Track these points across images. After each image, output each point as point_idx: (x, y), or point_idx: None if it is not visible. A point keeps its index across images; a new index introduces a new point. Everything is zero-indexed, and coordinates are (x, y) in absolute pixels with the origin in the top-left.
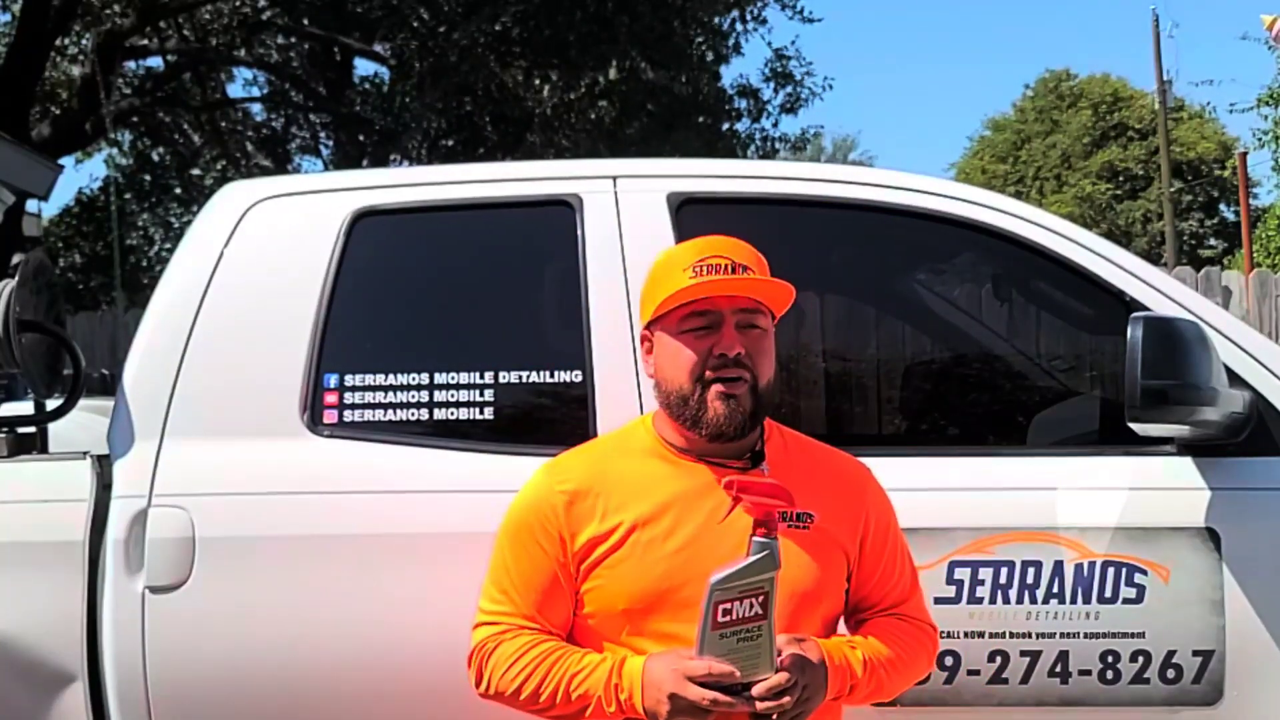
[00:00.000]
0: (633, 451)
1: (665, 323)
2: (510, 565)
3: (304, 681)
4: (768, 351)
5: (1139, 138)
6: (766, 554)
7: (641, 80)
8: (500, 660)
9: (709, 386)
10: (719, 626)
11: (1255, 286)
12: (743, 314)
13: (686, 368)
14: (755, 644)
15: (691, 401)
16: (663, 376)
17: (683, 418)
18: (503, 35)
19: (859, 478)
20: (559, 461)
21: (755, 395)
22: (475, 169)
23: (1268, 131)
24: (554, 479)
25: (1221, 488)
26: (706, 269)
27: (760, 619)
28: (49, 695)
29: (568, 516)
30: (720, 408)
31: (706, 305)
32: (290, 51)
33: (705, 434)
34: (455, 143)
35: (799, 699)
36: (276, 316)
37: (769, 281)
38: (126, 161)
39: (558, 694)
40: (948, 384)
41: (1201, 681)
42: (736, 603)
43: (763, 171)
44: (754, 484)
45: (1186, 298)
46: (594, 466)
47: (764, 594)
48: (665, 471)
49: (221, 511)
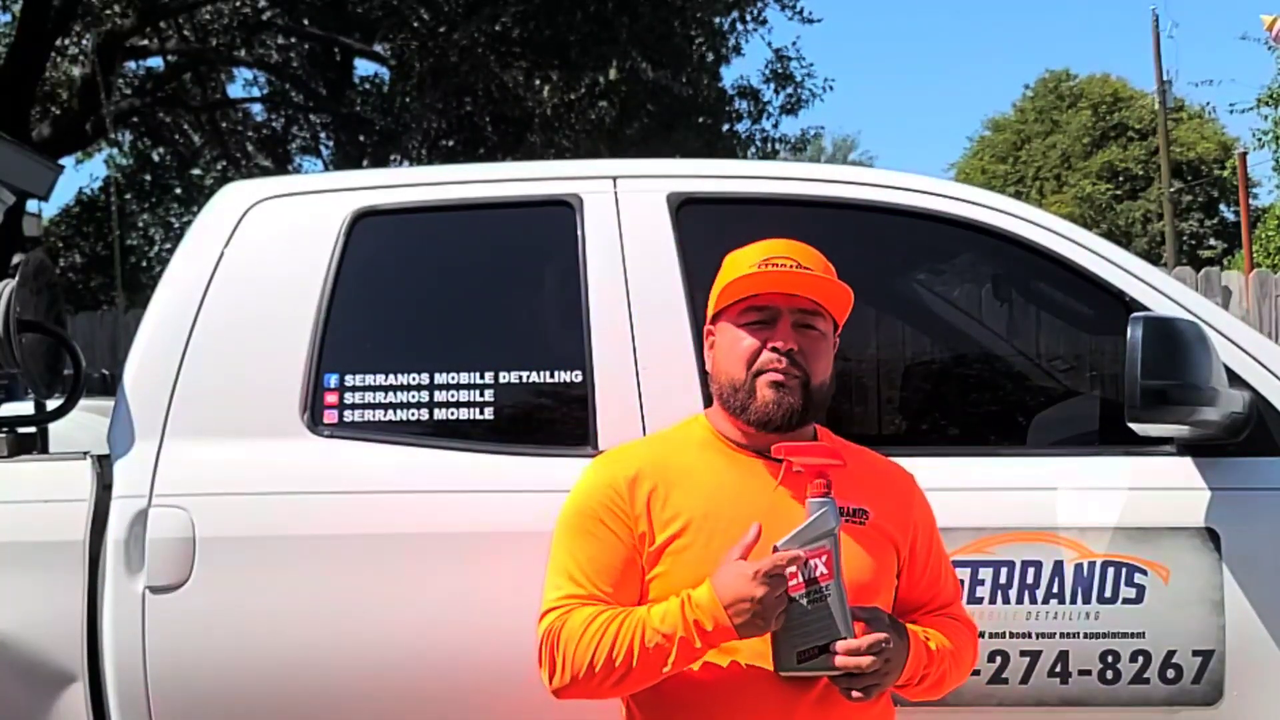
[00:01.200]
0: (690, 444)
1: (727, 315)
2: (575, 552)
3: (304, 681)
4: (824, 354)
5: (1139, 138)
6: (825, 510)
7: (641, 80)
8: (569, 637)
9: (760, 376)
10: (789, 590)
11: (1255, 286)
12: (801, 314)
13: (742, 357)
14: (827, 605)
15: (742, 390)
16: (718, 368)
17: (733, 406)
18: (503, 35)
19: (906, 483)
20: (616, 452)
21: (806, 392)
22: (475, 169)
23: (1268, 131)
24: (615, 466)
25: (1221, 488)
26: (770, 265)
27: (827, 578)
28: (49, 695)
29: (633, 499)
30: (769, 395)
31: (765, 301)
32: (290, 52)
33: (753, 420)
34: (455, 143)
35: (880, 666)
36: (276, 316)
37: (826, 280)
38: (126, 161)
39: (634, 652)
40: (947, 384)
41: (1201, 681)
42: (803, 564)
43: (763, 172)
44: (804, 447)
45: (1186, 298)
46: (653, 456)
47: (828, 553)
48: (723, 464)
49: (221, 511)
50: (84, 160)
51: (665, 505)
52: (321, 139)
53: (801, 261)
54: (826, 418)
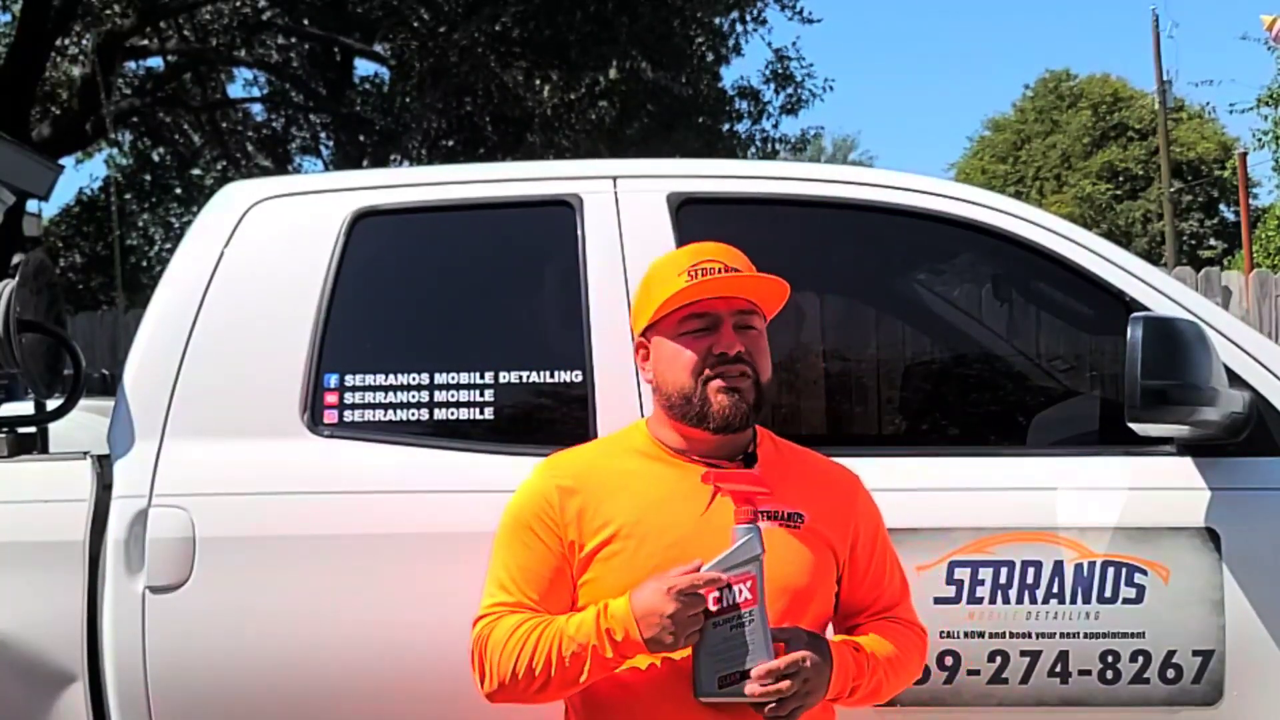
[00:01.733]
0: (628, 451)
1: (662, 328)
2: (509, 560)
3: (304, 681)
4: (765, 351)
5: (1139, 138)
6: (750, 538)
7: (641, 80)
8: (495, 644)
9: (710, 382)
10: (712, 616)
11: (1255, 286)
12: (739, 315)
13: (688, 367)
14: (748, 630)
15: (695, 399)
16: (663, 379)
17: (687, 416)
18: (503, 35)
19: (849, 484)
20: (555, 458)
21: (757, 389)
22: (475, 169)
23: (1268, 132)
24: (551, 474)
25: (1221, 488)
26: (702, 273)
27: (751, 604)
28: (49, 695)
29: (564, 509)
30: (725, 400)
31: (704, 307)
32: (290, 52)
33: (713, 427)
34: (455, 143)
35: (799, 690)
36: (276, 316)
37: (767, 279)
38: (127, 161)
39: (552, 660)
40: (948, 384)
41: (1201, 681)
42: (727, 590)
43: (763, 172)
44: (731, 474)
45: (1186, 298)
46: (590, 463)
47: (752, 578)
48: (659, 471)
49: (221, 511)
50: (84, 160)
51: (596, 513)
52: (321, 139)
53: (729, 263)
54: (828, 418)
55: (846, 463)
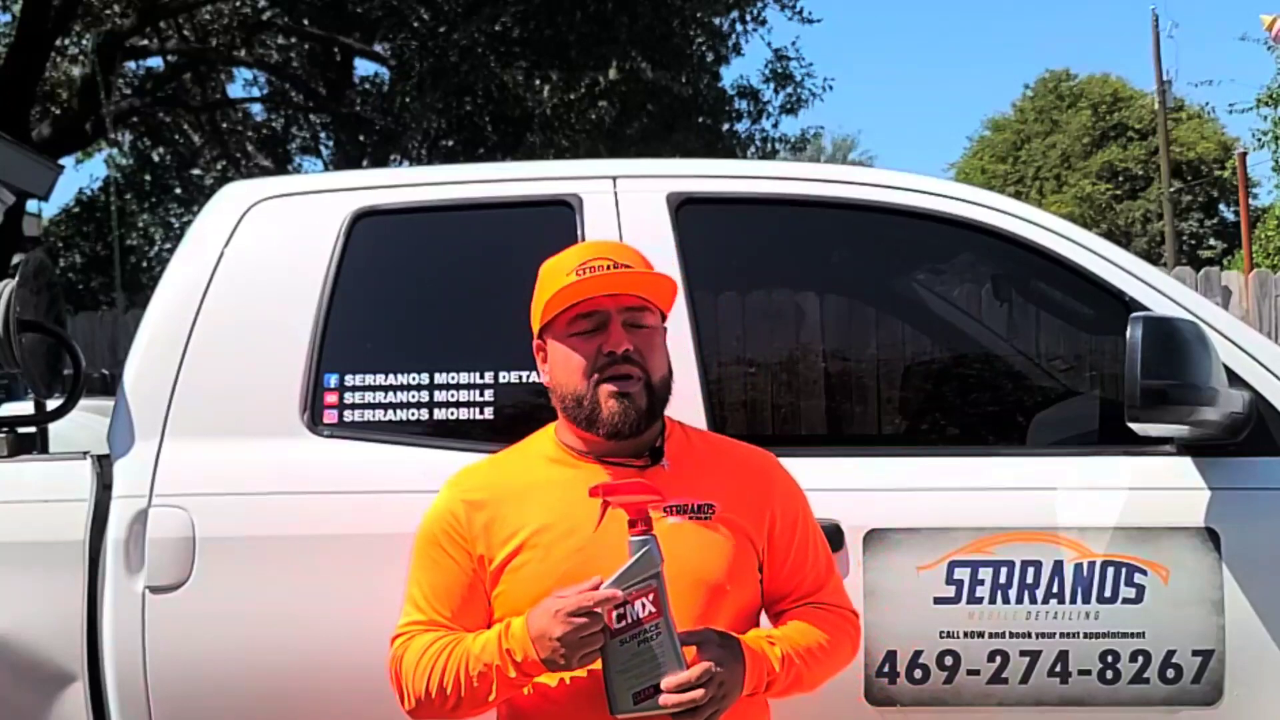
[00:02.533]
0: (534, 458)
1: (554, 328)
2: (421, 578)
3: (304, 681)
4: (658, 348)
5: (1139, 138)
6: (645, 550)
7: (641, 80)
8: (408, 665)
9: (600, 385)
10: (618, 633)
11: (1255, 286)
12: (629, 312)
13: (578, 369)
14: (658, 643)
15: (585, 402)
16: (556, 381)
17: (578, 419)
18: (503, 35)
19: (763, 468)
20: (462, 472)
21: (649, 391)
22: (475, 169)
23: (1267, 132)
24: (457, 490)
25: (1221, 488)
26: (589, 270)
27: (655, 617)
28: (49, 695)
29: (470, 524)
30: (614, 405)
31: (591, 306)
32: (290, 51)
33: (602, 433)
34: (455, 143)
35: (713, 695)
36: (276, 316)
37: (647, 275)
38: (126, 161)
39: (460, 680)
40: (947, 384)
41: (1201, 681)
42: (629, 605)
43: (762, 172)
44: (620, 485)
45: (1186, 298)
46: (495, 475)
47: (654, 591)
48: (564, 476)
49: (221, 511)
50: (84, 160)
51: (503, 524)
52: (321, 139)
53: (618, 260)
54: (828, 418)
55: (845, 462)
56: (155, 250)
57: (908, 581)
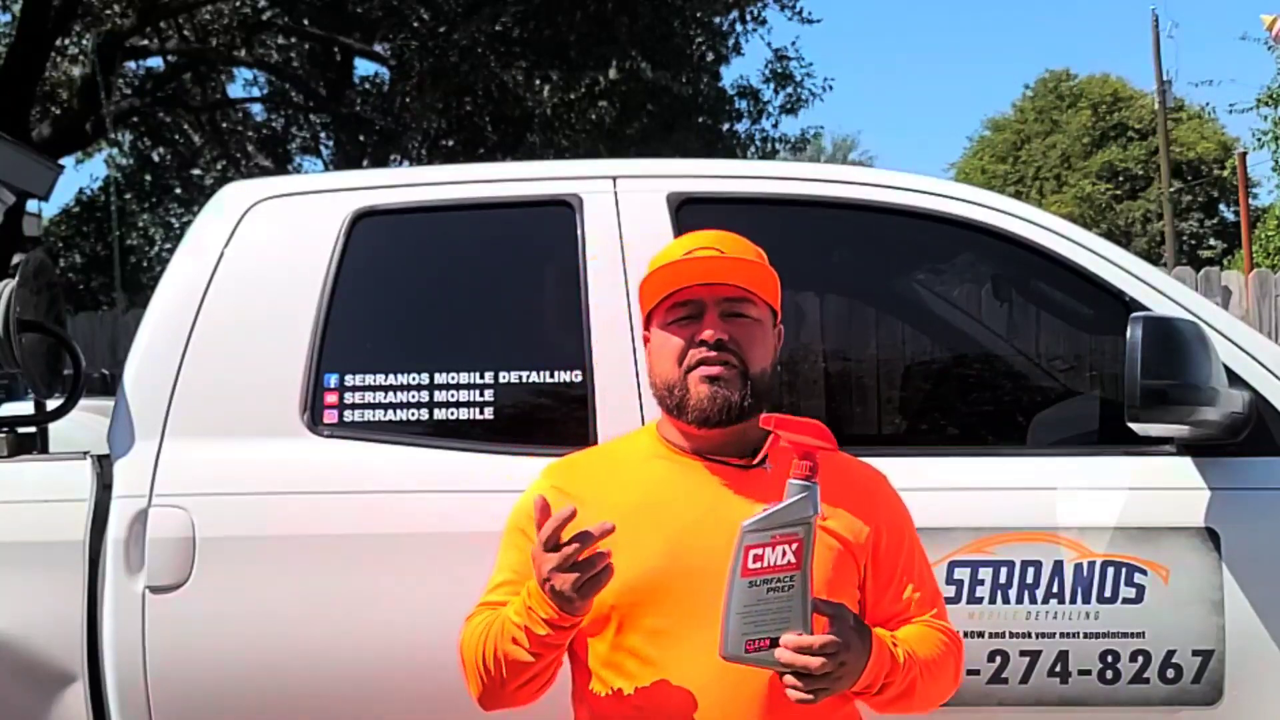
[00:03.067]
0: (633, 452)
1: (656, 318)
2: (501, 563)
3: (304, 681)
4: (760, 340)
5: (1139, 138)
6: (804, 495)
7: (641, 80)
8: (465, 642)
9: (691, 371)
10: (749, 573)
11: (1255, 286)
12: (727, 302)
13: (671, 356)
14: (787, 597)
15: (676, 389)
16: (652, 370)
17: (670, 406)
18: (503, 35)
19: (872, 484)
20: (559, 461)
21: (746, 382)
22: (475, 169)
23: (1267, 132)
24: (549, 478)
25: (1221, 488)
26: (690, 257)
27: (793, 568)
28: (49, 695)
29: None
30: (704, 390)
31: (689, 295)
32: (290, 51)
33: (691, 419)
34: (455, 143)
35: (830, 672)
36: (276, 316)
37: (743, 263)
38: (127, 161)
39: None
40: (947, 384)
41: (1201, 681)
42: (768, 549)
43: (763, 171)
44: (795, 422)
45: (1186, 298)
46: (592, 465)
47: (799, 541)
48: (661, 468)
49: (221, 511)
50: (84, 160)
51: (592, 514)
52: (321, 139)
53: (724, 249)
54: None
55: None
56: (155, 250)
57: None
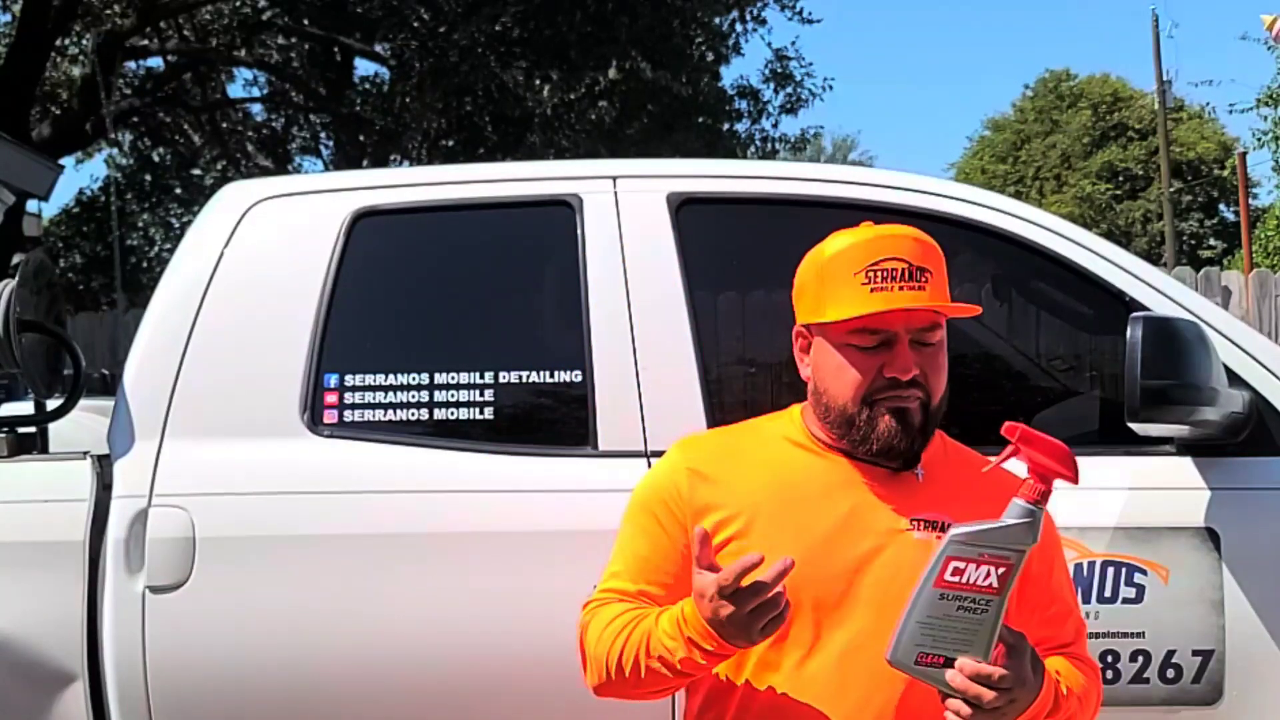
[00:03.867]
0: (775, 437)
1: (832, 333)
2: (627, 543)
3: (304, 682)
4: (942, 367)
5: (1139, 138)
6: (1029, 520)
7: (641, 80)
8: (592, 635)
9: (876, 403)
10: (943, 584)
11: (1255, 286)
12: (920, 331)
13: (851, 385)
14: (976, 619)
15: (859, 422)
16: (824, 389)
17: (846, 438)
18: (503, 35)
19: None
20: (692, 438)
21: (927, 413)
22: (475, 169)
23: (1267, 132)
24: (685, 455)
25: (1221, 488)
26: (882, 276)
27: (994, 592)
28: (49, 695)
29: (692, 495)
30: (892, 424)
31: (880, 322)
32: (290, 51)
33: (875, 451)
34: (455, 143)
35: (1002, 704)
36: (276, 316)
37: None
38: (127, 161)
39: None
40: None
41: (1201, 681)
42: (973, 565)
43: (763, 172)
44: (1039, 438)
45: (1186, 298)
46: (730, 446)
47: (1009, 566)
48: (805, 462)
49: (221, 511)
50: (84, 160)
51: (730, 502)
52: (321, 139)
53: (915, 262)
54: None
55: None
56: (155, 250)
57: None
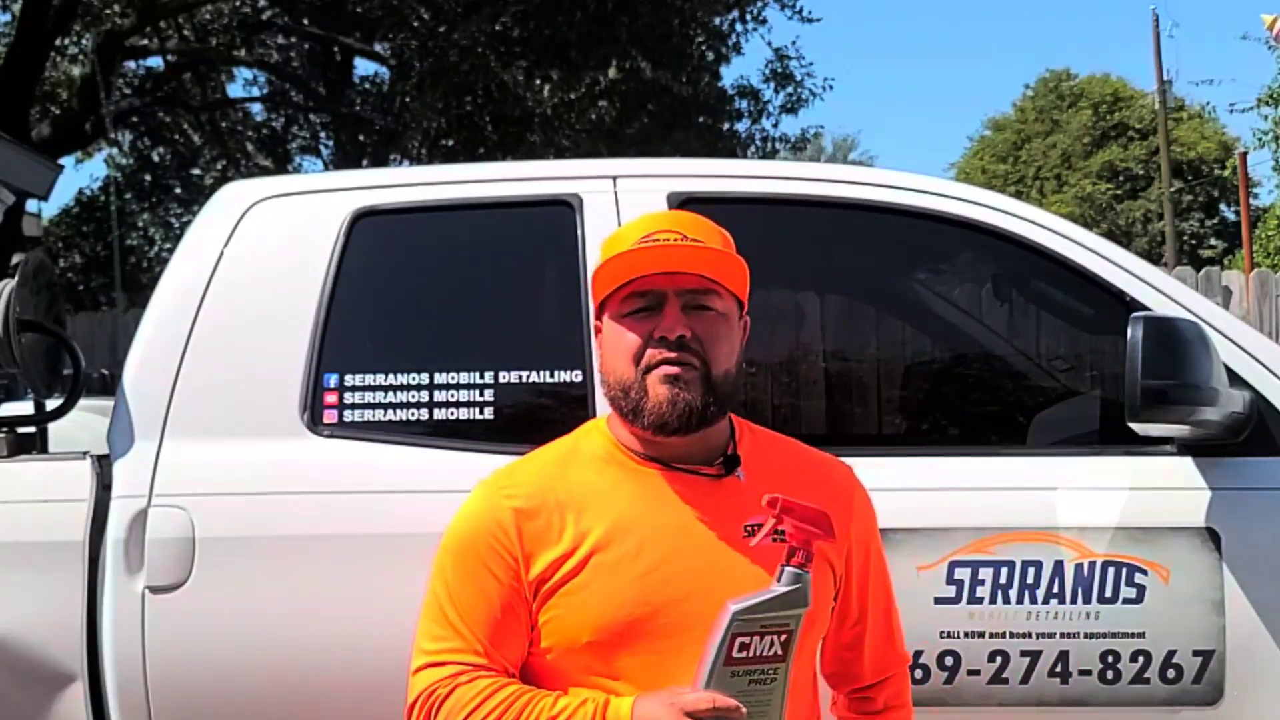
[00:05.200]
0: (587, 459)
1: (610, 307)
2: (456, 595)
3: (304, 681)
4: (725, 338)
5: (1139, 138)
6: (799, 587)
7: (641, 80)
8: (453, 711)
9: (650, 372)
10: (732, 662)
11: (1255, 286)
12: (690, 294)
13: (627, 353)
14: (768, 689)
15: (633, 391)
16: (605, 366)
17: (624, 410)
18: (503, 35)
19: (845, 483)
20: (503, 474)
21: (707, 385)
22: (475, 169)
23: (1268, 131)
24: (500, 494)
25: (1221, 488)
26: (650, 242)
27: (779, 660)
28: (49, 695)
29: (520, 535)
30: (663, 392)
31: (647, 284)
32: (290, 51)
33: (648, 423)
34: (455, 143)
35: None
36: (276, 316)
37: (709, 252)
38: (126, 161)
39: None
40: (948, 384)
41: (1202, 681)
42: (756, 638)
43: (763, 171)
44: (798, 506)
45: (1186, 298)
46: (545, 478)
47: (788, 632)
48: (626, 481)
49: (221, 511)
50: (84, 160)
51: (560, 537)
52: (321, 139)
53: (687, 233)
54: (829, 418)
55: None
56: (155, 250)
57: (908, 581)
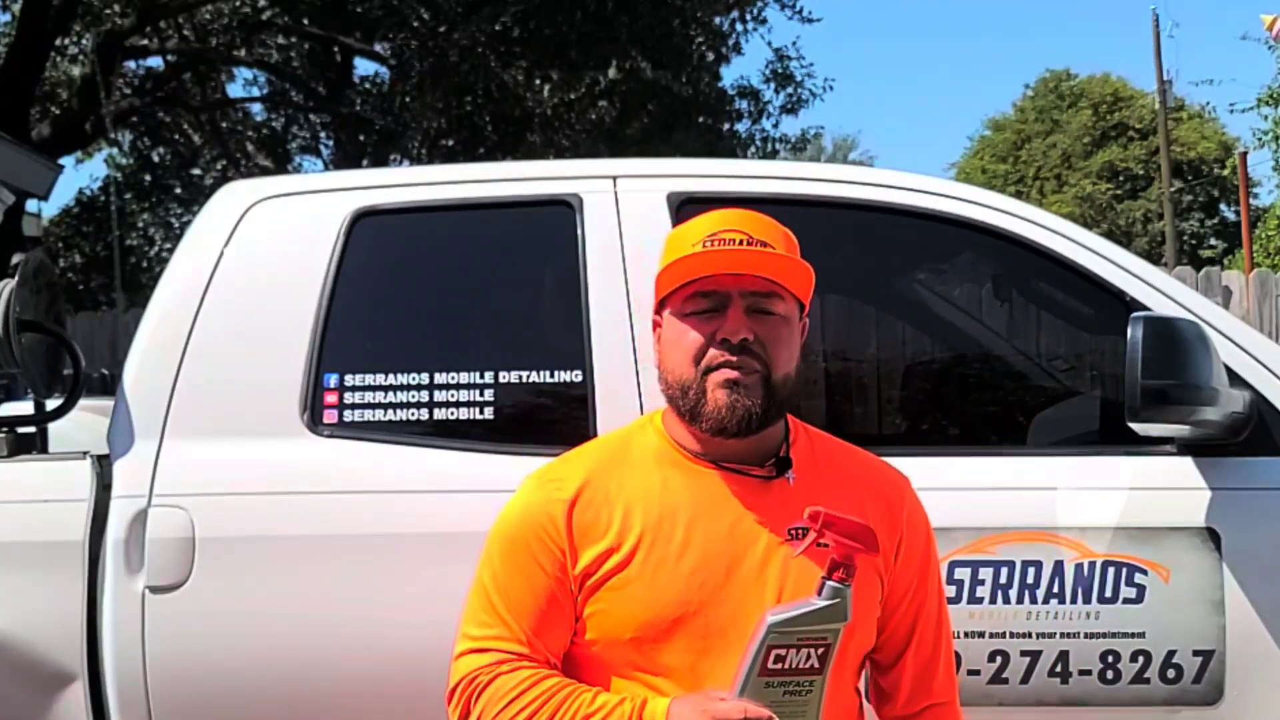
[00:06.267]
0: (639, 454)
1: (672, 304)
2: (503, 584)
3: (304, 682)
4: (786, 341)
5: (1139, 138)
6: (838, 601)
7: (641, 80)
8: (494, 698)
9: (710, 374)
10: (767, 673)
11: (1255, 286)
12: (754, 297)
13: (688, 353)
14: (803, 700)
15: (691, 391)
16: (665, 365)
17: (683, 410)
18: (503, 35)
19: (897, 489)
20: (554, 467)
21: (768, 388)
22: (475, 169)
23: (1268, 131)
24: (551, 486)
25: (1221, 488)
26: (716, 243)
27: (815, 673)
28: (49, 695)
29: (569, 529)
30: (722, 397)
31: (712, 285)
32: (290, 51)
33: (706, 428)
34: (455, 143)
35: None
36: (276, 316)
37: (778, 257)
38: (126, 161)
39: None
40: (948, 384)
41: (1202, 681)
42: (793, 650)
43: (763, 171)
44: (841, 520)
45: (1186, 298)
46: (596, 472)
47: (825, 646)
48: (677, 479)
49: (221, 511)
50: (84, 160)
51: (608, 532)
52: (321, 139)
53: (754, 234)
54: (828, 418)
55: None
56: (155, 250)
57: None
